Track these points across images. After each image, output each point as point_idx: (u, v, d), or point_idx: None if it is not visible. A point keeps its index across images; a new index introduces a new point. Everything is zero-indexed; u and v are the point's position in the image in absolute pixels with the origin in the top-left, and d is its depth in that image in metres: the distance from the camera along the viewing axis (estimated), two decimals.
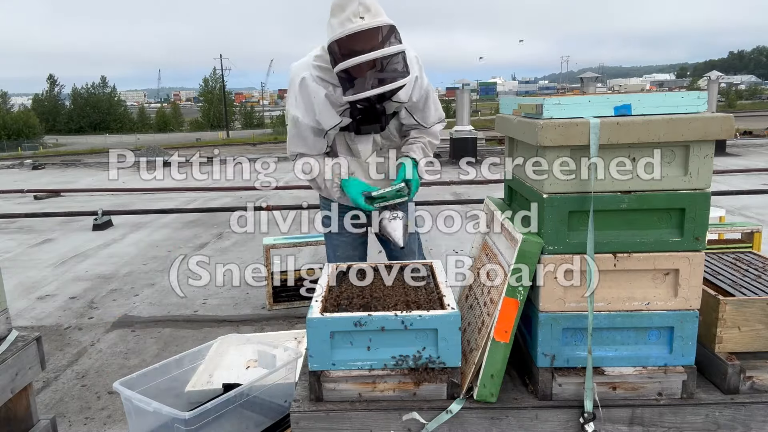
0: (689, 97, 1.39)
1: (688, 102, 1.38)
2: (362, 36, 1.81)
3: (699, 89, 2.63)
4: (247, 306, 4.31)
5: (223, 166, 14.21)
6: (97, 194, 10.96)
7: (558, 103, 1.39)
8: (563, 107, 1.38)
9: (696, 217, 1.38)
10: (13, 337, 1.86)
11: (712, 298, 1.47)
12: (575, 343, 1.45)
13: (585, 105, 1.38)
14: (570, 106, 1.38)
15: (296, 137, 2.17)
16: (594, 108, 1.38)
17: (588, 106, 1.38)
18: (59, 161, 20.86)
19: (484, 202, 1.89)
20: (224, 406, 1.93)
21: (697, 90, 1.43)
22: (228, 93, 71.02)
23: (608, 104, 1.38)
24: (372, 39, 1.81)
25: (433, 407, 1.42)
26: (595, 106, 1.38)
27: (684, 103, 1.38)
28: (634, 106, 1.38)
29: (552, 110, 1.38)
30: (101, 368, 3.30)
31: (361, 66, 1.83)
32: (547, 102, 1.39)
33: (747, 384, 1.44)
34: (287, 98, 2.19)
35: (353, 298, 1.58)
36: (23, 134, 49.15)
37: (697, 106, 1.39)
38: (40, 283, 5.10)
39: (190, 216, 8.11)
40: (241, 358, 2.39)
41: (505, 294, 1.39)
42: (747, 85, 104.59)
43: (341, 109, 2.06)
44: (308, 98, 2.07)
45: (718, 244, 3.18)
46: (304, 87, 2.07)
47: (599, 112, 1.38)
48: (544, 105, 1.39)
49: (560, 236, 1.40)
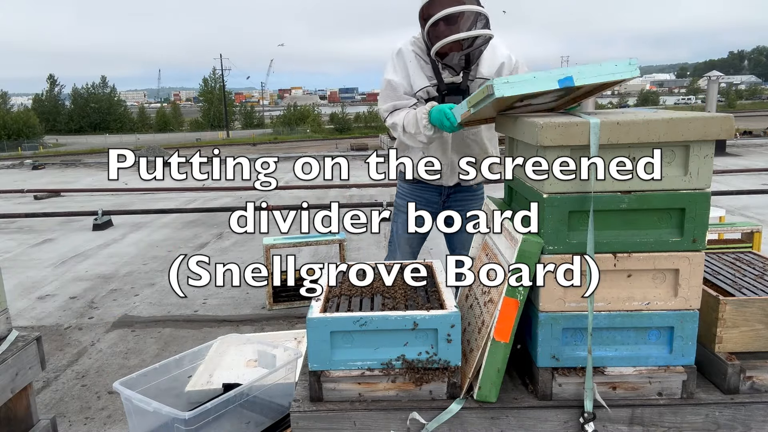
0: (622, 64, 1.49)
1: (622, 69, 1.49)
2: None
3: (699, 90, 2.63)
4: (247, 306, 4.31)
5: (223, 166, 14.18)
6: (97, 194, 10.96)
7: (506, 81, 1.46)
8: (512, 85, 1.46)
9: (696, 217, 1.38)
10: (13, 337, 1.86)
11: (712, 298, 1.47)
12: (575, 343, 1.45)
13: (530, 81, 1.46)
14: (518, 84, 1.46)
15: (389, 95, 2.37)
16: (539, 83, 1.47)
17: (534, 82, 1.46)
18: (59, 161, 20.85)
19: (484, 202, 1.89)
20: (224, 406, 1.93)
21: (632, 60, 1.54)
22: (228, 93, 71.02)
23: (552, 78, 1.46)
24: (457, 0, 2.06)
25: (433, 407, 1.42)
26: (540, 81, 1.47)
27: (618, 71, 1.48)
28: (575, 77, 1.46)
29: (502, 89, 1.45)
30: (101, 368, 3.30)
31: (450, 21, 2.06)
32: (496, 82, 1.46)
33: (747, 384, 1.44)
34: (385, 69, 2.41)
35: (353, 297, 1.59)
36: (23, 134, 49.13)
37: (630, 72, 1.49)
38: (40, 283, 5.10)
39: (190, 216, 8.12)
40: (241, 358, 2.40)
41: (505, 294, 1.39)
42: (747, 85, 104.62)
43: (430, 81, 2.31)
44: (403, 63, 2.34)
45: (718, 244, 3.18)
46: (400, 55, 2.35)
47: (545, 87, 1.47)
48: (494, 85, 1.45)
49: (560, 236, 1.40)
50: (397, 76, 2.34)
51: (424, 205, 2.59)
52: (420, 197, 2.59)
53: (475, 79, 2.30)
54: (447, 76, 2.28)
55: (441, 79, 2.28)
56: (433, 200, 2.58)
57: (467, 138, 2.41)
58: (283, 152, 21.53)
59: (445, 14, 2.04)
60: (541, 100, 1.69)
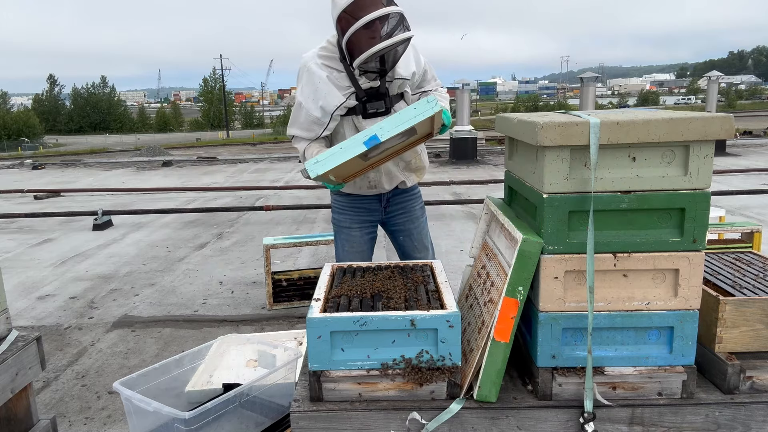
0: (420, 105, 1.56)
1: (422, 109, 1.56)
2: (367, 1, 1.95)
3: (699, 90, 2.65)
4: (247, 306, 4.31)
5: (223, 165, 14.18)
6: (97, 194, 10.96)
7: (316, 161, 1.58)
8: (323, 163, 1.57)
9: (696, 217, 1.38)
10: (13, 337, 1.86)
11: (712, 298, 1.47)
12: (575, 343, 1.45)
13: (339, 153, 1.56)
14: (329, 159, 1.57)
15: (296, 117, 2.31)
16: (348, 152, 1.56)
17: (342, 152, 1.56)
18: (59, 161, 20.86)
19: (484, 202, 1.89)
20: (224, 406, 1.93)
21: (429, 98, 1.64)
22: (228, 93, 71.02)
23: (358, 142, 1.55)
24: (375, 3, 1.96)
25: (433, 407, 1.42)
26: (348, 150, 1.56)
27: (419, 112, 1.56)
28: (379, 134, 1.53)
29: (315, 169, 1.58)
30: (101, 368, 3.30)
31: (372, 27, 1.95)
32: (308, 164, 1.58)
33: (747, 384, 1.44)
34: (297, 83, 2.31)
35: (353, 297, 1.59)
36: (23, 134, 49.11)
37: (431, 108, 1.56)
38: (40, 283, 5.10)
39: (190, 216, 8.12)
40: (241, 358, 2.40)
41: (505, 294, 1.39)
42: (747, 85, 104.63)
43: (346, 92, 2.17)
44: (312, 83, 2.19)
45: (718, 244, 3.18)
46: (309, 73, 2.20)
47: (354, 153, 1.55)
48: (307, 168, 1.58)
49: (560, 236, 1.40)
50: (306, 99, 2.22)
51: (366, 216, 2.48)
52: (360, 208, 2.47)
53: (393, 80, 2.21)
54: (364, 82, 2.16)
55: (359, 86, 2.16)
56: (374, 208, 2.47)
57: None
58: (283, 152, 21.53)
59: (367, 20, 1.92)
60: (390, 144, 1.81)
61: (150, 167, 17.03)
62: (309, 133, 2.27)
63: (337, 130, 2.29)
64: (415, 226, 2.51)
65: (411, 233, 2.51)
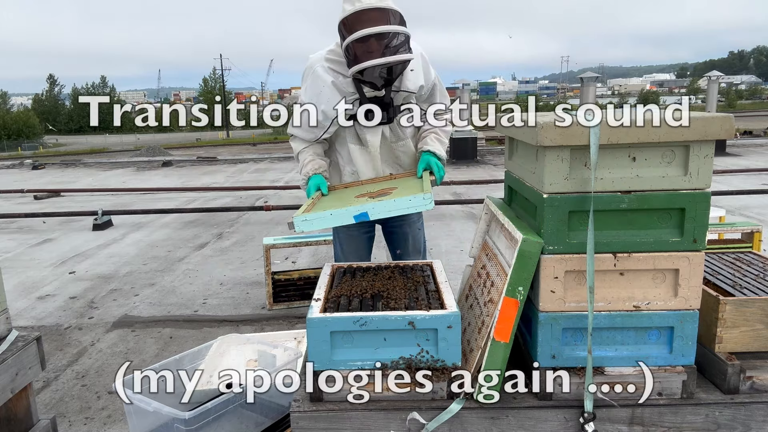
0: (416, 198, 1.60)
1: (417, 203, 1.61)
2: (371, 14, 1.94)
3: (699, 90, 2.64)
4: (247, 306, 4.31)
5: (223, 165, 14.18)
6: (97, 194, 10.96)
7: (305, 219, 1.59)
8: (310, 222, 1.59)
9: (696, 217, 1.38)
10: (13, 337, 1.86)
11: (712, 298, 1.47)
12: (575, 343, 1.45)
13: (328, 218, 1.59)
14: (316, 220, 1.59)
15: (295, 120, 2.29)
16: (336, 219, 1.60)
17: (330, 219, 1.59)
18: (59, 161, 20.86)
19: (484, 202, 1.89)
20: (224, 406, 1.93)
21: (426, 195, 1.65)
22: (228, 93, 70.99)
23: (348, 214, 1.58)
24: (380, 18, 1.95)
25: (433, 407, 1.42)
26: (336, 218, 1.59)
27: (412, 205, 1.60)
28: (370, 213, 1.57)
29: (301, 225, 1.59)
30: (101, 368, 3.30)
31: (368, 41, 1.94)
32: (296, 219, 1.59)
33: (747, 384, 1.44)
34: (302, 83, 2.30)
35: (353, 297, 1.59)
36: (23, 134, 49.07)
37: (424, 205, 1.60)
38: (40, 283, 5.10)
39: (190, 216, 8.11)
40: (241, 358, 2.40)
41: (505, 294, 1.39)
42: (747, 85, 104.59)
43: (350, 98, 2.16)
44: (317, 87, 2.18)
45: (718, 244, 3.18)
46: (314, 76, 2.19)
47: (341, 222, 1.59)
48: (295, 222, 1.60)
49: (560, 236, 1.40)
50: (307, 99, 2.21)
51: None
52: None
53: (399, 91, 2.19)
54: (369, 91, 2.13)
55: (363, 94, 2.13)
56: None
57: (397, 150, 2.33)
58: (283, 152, 21.53)
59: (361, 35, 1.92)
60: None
61: (150, 167, 17.04)
62: (309, 134, 2.27)
63: (337, 133, 2.29)
64: (411, 230, 2.51)
65: (407, 236, 2.52)
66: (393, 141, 2.30)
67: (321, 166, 2.29)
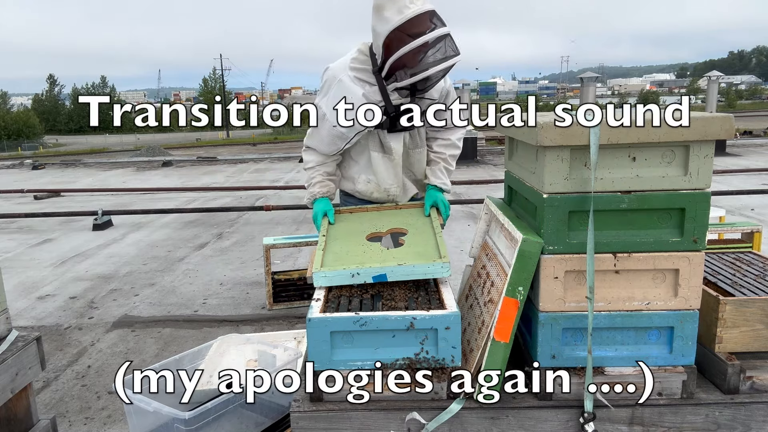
0: (435, 266, 1.59)
1: (434, 270, 1.59)
2: (422, 19, 1.86)
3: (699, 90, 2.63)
4: (247, 306, 4.31)
5: (223, 165, 14.18)
6: (97, 194, 10.97)
7: (324, 275, 1.60)
8: (330, 278, 1.60)
9: (696, 217, 1.38)
10: (13, 337, 1.86)
11: (712, 298, 1.47)
12: (575, 343, 1.45)
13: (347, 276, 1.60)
14: (336, 277, 1.60)
15: (316, 132, 2.24)
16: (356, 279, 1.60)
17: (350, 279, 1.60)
18: (59, 161, 20.86)
19: (484, 202, 1.89)
20: (224, 406, 1.93)
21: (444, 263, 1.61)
22: (228, 93, 70.98)
23: (368, 275, 1.60)
24: (426, 22, 1.86)
25: (433, 407, 1.42)
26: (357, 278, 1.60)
27: (430, 271, 1.59)
28: (389, 275, 1.59)
29: (320, 281, 1.61)
30: (101, 368, 3.30)
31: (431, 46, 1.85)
32: (316, 275, 1.61)
33: (747, 384, 1.44)
34: (319, 95, 2.22)
35: (353, 297, 1.59)
36: (23, 134, 49.07)
37: (441, 273, 1.59)
38: (40, 283, 5.10)
39: (190, 216, 8.12)
40: (241, 358, 2.40)
41: (505, 294, 1.39)
42: (747, 85, 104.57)
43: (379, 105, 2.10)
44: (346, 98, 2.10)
45: (718, 244, 3.18)
46: (340, 86, 2.10)
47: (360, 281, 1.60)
48: (315, 277, 1.61)
49: (560, 236, 1.40)
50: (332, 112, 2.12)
51: None
52: None
53: (423, 99, 2.14)
54: (396, 98, 2.07)
55: (389, 101, 2.07)
56: None
57: (413, 157, 2.33)
58: (283, 152, 21.53)
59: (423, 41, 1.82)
60: None
61: (150, 167, 17.04)
62: (330, 147, 2.21)
63: (358, 141, 2.23)
64: None
65: None
66: (411, 147, 2.29)
67: (330, 190, 2.28)
